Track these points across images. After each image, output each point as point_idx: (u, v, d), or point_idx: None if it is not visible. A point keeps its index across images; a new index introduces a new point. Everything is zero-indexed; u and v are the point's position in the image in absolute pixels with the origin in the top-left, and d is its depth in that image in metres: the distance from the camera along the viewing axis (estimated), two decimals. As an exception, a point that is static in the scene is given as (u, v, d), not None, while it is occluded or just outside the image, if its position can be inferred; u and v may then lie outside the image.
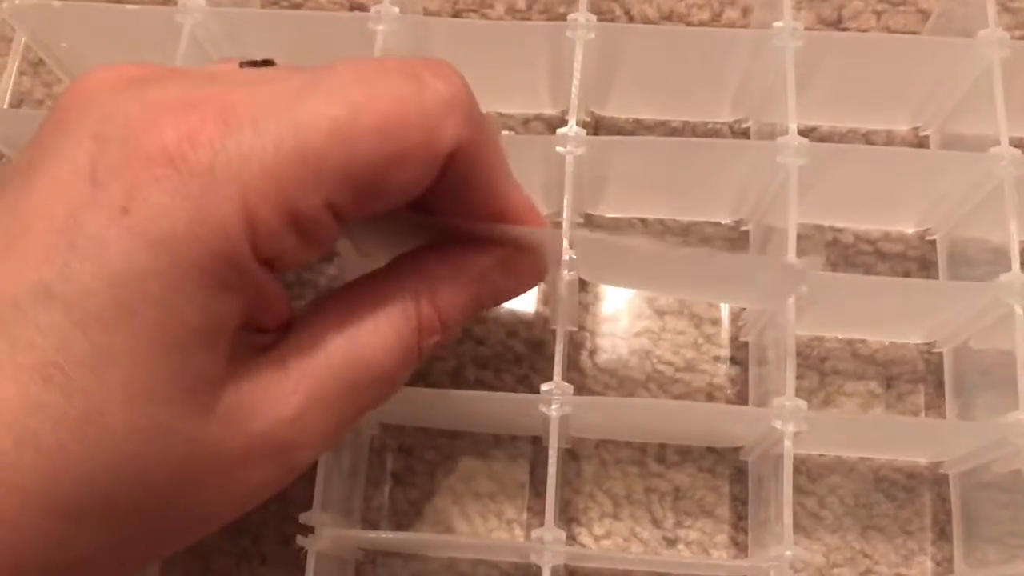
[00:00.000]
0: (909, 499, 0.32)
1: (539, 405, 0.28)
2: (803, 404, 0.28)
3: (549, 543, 0.26)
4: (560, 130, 0.30)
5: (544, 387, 0.28)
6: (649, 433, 0.32)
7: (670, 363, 0.34)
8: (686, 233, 0.35)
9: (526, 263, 0.25)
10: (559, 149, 0.30)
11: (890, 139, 0.36)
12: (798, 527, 0.32)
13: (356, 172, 0.20)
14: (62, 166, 0.19)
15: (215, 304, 0.20)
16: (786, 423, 0.27)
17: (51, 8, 0.34)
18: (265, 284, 0.21)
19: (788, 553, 0.26)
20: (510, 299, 0.26)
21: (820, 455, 0.32)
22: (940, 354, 0.33)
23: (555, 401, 0.28)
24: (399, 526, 0.32)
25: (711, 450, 0.32)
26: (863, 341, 0.34)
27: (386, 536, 0.30)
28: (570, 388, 0.28)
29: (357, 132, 0.20)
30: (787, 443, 0.27)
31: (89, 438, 0.19)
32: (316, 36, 0.34)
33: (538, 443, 0.33)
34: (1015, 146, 0.30)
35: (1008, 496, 0.29)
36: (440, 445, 0.33)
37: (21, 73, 0.34)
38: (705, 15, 0.38)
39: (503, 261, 0.25)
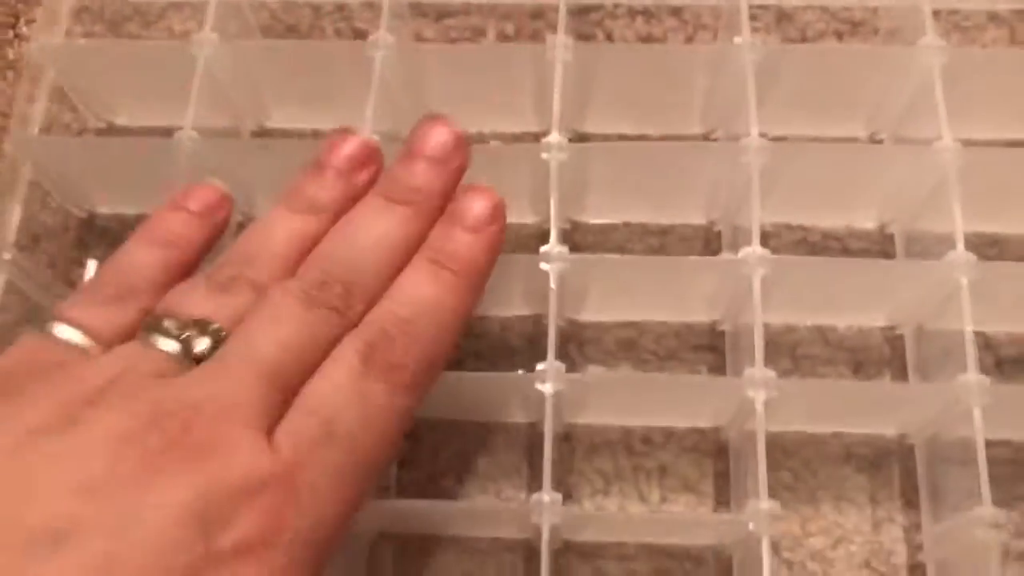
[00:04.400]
0: (878, 472, 0.34)
1: (535, 383, 0.31)
2: (772, 373, 0.30)
3: (547, 504, 0.29)
4: (544, 139, 0.34)
5: (539, 366, 0.31)
6: (636, 413, 0.35)
7: (654, 352, 0.36)
8: (665, 235, 0.38)
9: None
10: (544, 156, 0.33)
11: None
12: (775, 499, 0.34)
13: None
14: None
15: None
16: (757, 390, 0.30)
17: (76, 46, 0.37)
18: None
19: (764, 506, 0.29)
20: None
21: (795, 432, 0.35)
22: (903, 337, 0.36)
23: (549, 379, 0.31)
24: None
25: (694, 430, 0.35)
26: (833, 328, 0.36)
27: (391, 504, 0.32)
28: (563, 367, 0.31)
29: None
30: (759, 408, 0.30)
31: None
32: (318, 63, 0.37)
33: (533, 430, 0.35)
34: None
35: (963, 460, 0.31)
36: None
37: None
38: (680, 37, 0.41)
39: None
